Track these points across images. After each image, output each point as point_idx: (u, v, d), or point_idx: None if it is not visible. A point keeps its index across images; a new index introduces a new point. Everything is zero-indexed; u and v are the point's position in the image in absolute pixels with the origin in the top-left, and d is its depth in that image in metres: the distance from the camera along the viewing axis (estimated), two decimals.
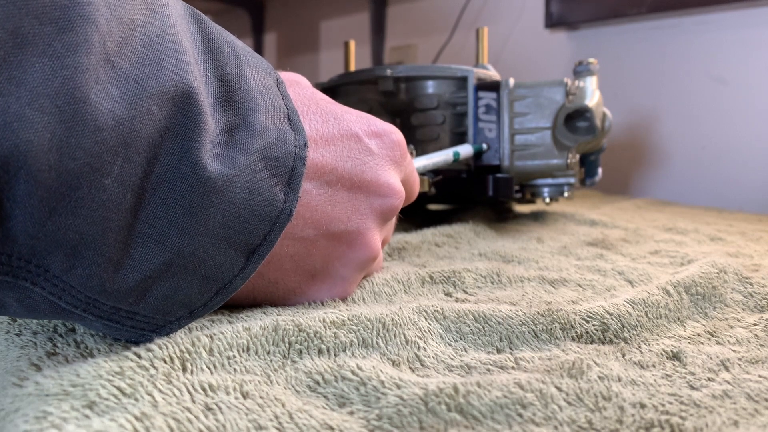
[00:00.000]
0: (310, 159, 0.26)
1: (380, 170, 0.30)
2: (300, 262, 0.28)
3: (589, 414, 0.20)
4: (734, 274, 0.37)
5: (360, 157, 0.29)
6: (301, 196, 0.26)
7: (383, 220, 0.31)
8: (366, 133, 0.30)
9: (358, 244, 0.29)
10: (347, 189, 0.28)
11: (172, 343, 0.21)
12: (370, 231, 0.29)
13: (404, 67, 0.55)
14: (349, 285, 0.30)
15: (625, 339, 0.27)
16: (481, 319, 0.27)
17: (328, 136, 0.28)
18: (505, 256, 0.42)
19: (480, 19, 1.30)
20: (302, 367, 0.22)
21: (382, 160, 0.30)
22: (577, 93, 0.53)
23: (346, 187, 0.28)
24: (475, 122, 0.53)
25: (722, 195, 0.95)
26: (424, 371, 0.23)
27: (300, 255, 0.27)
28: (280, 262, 0.27)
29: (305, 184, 0.26)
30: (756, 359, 0.25)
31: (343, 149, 0.28)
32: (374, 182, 0.29)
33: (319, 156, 0.27)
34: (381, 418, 0.19)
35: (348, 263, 0.29)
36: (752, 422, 0.20)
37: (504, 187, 0.51)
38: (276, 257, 0.26)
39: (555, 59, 1.17)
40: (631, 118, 1.06)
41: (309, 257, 0.28)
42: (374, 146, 0.30)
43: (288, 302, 0.29)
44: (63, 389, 0.18)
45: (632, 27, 1.06)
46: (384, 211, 0.30)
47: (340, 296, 0.30)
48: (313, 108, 0.28)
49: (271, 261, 0.26)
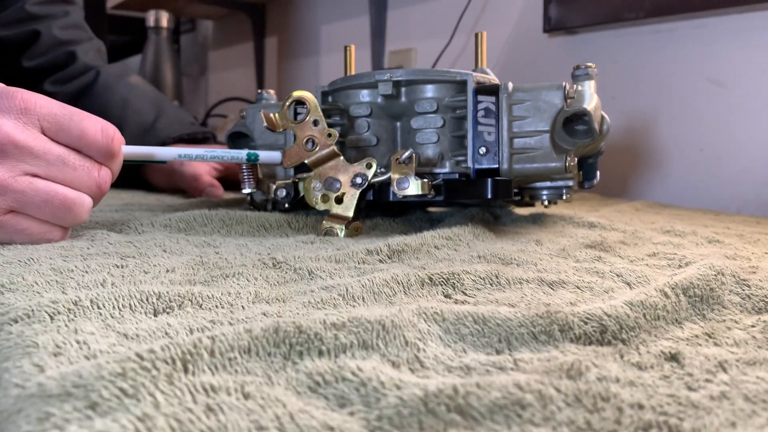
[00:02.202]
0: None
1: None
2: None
3: (587, 415, 0.20)
4: (732, 276, 0.37)
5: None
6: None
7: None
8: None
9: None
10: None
11: (174, 344, 0.21)
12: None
13: (404, 71, 0.55)
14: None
15: (623, 340, 0.27)
16: (480, 321, 0.27)
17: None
18: (504, 258, 0.42)
19: (479, 23, 1.30)
20: (303, 369, 0.22)
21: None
22: (575, 97, 0.53)
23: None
24: (475, 126, 0.53)
25: (720, 198, 0.95)
26: (424, 372, 0.23)
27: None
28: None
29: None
30: (754, 360, 0.26)
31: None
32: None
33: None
34: (381, 419, 0.19)
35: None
36: (750, 423, 0.20)
37: (503, 189, 0.51)
38: None
39: (553, 63, 1.17)
40: (629, 121, 1.06)
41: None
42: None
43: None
44: (65, 390, 0.19)
45: (630, 31, 1.06)
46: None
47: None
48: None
49: None
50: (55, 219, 0.41)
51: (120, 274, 0.34)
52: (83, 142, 0.41)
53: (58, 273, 0.34)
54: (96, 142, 0.41)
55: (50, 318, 0.26)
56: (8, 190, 0.39)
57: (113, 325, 0.26)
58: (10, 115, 0.38)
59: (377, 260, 0.41)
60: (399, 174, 0.49)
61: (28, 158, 0.39)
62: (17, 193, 0.39)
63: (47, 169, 0.40)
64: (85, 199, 0.41)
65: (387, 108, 0.57)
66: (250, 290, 0.32)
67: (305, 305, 0.30)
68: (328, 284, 0.34)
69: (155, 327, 0.26)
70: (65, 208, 0.40)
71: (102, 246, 0.42)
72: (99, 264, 0.36)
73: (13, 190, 0.39)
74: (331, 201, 0.51)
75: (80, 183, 0.41)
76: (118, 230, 0.49)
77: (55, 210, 0.40)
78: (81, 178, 0.41)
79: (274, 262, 0.38)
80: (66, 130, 0.40)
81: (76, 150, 0.41)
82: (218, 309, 0.29)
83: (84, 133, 0.40)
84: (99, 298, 0.28)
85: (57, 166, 0.40)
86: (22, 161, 0.39)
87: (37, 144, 0.39)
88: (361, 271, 0.38)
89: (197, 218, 0.51)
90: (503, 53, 1.26)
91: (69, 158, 0.40)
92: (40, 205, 0.40)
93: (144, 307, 0.29)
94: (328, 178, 0.51)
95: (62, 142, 0.40)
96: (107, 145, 0.41)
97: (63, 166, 0.40)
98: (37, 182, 0.39)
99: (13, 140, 0.38)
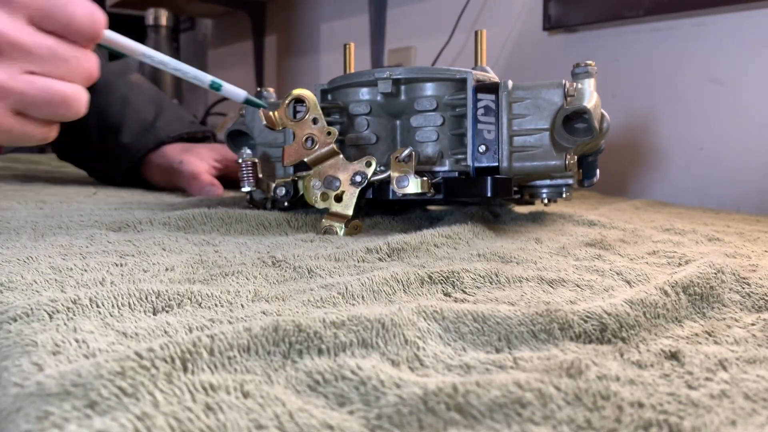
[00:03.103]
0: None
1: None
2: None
3: (587, 413, 0.20)
4: (732, 274, 0.37)
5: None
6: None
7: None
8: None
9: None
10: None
11: (173, 343, 0.21)
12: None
13: (403, 69, 0.55)
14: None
15: (623, 339, 0.27)
16: (480, 319, 0.27)
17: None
18: (503, 256, 0.42)
19: (479, 21, 1.30)
20: (302, 367, 0.22)
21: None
22: (575, 95, 0.53)
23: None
24: (474, 124, 0.53)
25: (720, 196, 0.95)
26: (424, 371, 0.23)
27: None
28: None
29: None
30: (754, 359, 0.26)
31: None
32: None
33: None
34: (380, 418, 0.19)
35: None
36: (750, 422, 0.20)
37: (503, 187, 0.51)
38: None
39: (553, 61, 1.17)
40: (629, 120, 1.06)
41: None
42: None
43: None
44: (64, 389, 0.19)
45: (630, 29, 1.06)
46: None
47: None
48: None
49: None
50: (56, 117, 0.39)
51: (119, 273, 0.34)
52: (71, 29, 0.38)
53: (57, 271, 0.34)
54: (84, 27, 0.39)
55: (49, 317, 0.26)
56: (10, 92, 0.37)
57: (112, 323, 0.26)
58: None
59: (377, 258, 0.41)
60: (398, 172, 0.49)
61: (21, 54, 0.37)
62: (18, 94, 0.37)
63: (42, 65, 0.37)
64: (81, 92, 0.40)
65: (386, 106, 0.57)
66: (249, 289, 0.32)
67: (305, 304, 0.30)
68: (327, 283, 0.34)
69: (154, 326, 0.26)
70: (66, 105, 0.39)
71: (101, 244, 0.42)
72: (98, 262, 0.36)
73: (14, 92, 0.37)
74: (330, 199, 0.51)
75: (73, 75, 0.39)
76: (117, 229, 0.49)
77: (57, 108, 0.38)
78: (74, 70, 0.39)
79: (273, 260, 0.38)
80: (52, 17, 0.37)
81: (63, 37, 0.38)
82: (217, 307, 0.29)
83: (71, 18, 0.38)
84: (98, 297, 0.28)
85: (50, 60, 0.38)
86: (16, 59, 0.37)
87: (28, 38, 0.37)
88: (360, 270, 0.38)
89: (196, 217, 0.51)
90: (503, 51, 1.25)
91: (60, 50, 0.38)
92: (42, 104, 0.38)
93: (143, 305, 0.28)
94: (327, 177, 0.51)
95: (48, 29, 0.38)
96: (95, 31, 0.39)
97: (55, 59, 0.38)
98: (36, 80, 0.37)
99: (5, 36, 0.36)
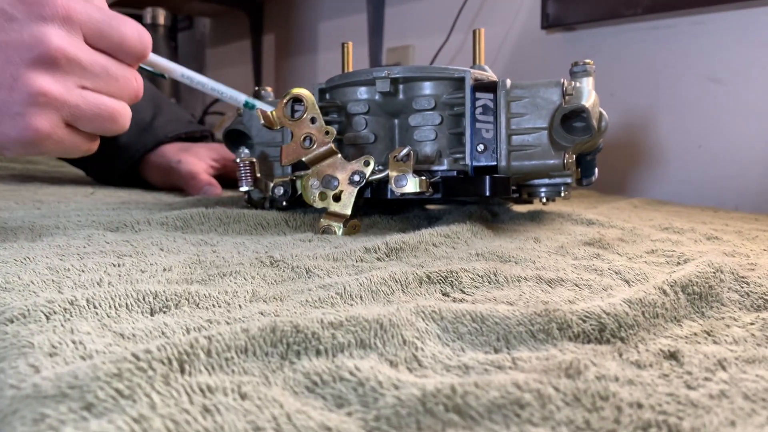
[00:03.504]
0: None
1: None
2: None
3: (586, 414, 0.20)
4: (731, 273, 0.37)
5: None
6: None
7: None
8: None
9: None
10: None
11: (171, 344, 0.21)
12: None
13: (402, 68, 0.55)
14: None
15: (622, 339, 0.27)
16: (478, 319, 0.27)
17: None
18: (502, 256, 0.42)
19: (477, 20, 1.30)
20: (300, 368, 0.22)
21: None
22: (573, 93, 0.53)
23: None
24: (473, 123, 0.53)
25: (718, 194, 0.95)
26: (422, 371, 0.23)
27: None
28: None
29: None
30: (753, 359, 0.25)
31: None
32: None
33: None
34: (379, 419, 0.19)
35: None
36: (749, 422, 0.20)
37: (501, 186, 0.51)
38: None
39: (552, 60, 1.17)
40: (627, 118, 1.06)
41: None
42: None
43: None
44: (61, 391, 0.18)
45: (628, 27, 1.06)
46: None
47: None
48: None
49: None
50: (102, 131, 0.41)
51: (116, 273, 0.34)
52: (122, 49, 0.41)
53: (54, 272, 0.34)
54: (134, 48, 0.41)
55: (46, 318, 0.26)
56: (65, 104, 0.39)
57: (109, 324, 0.26)
58: (54, 23, 0.38)
59: (375, 258, 0.41)
60: (397, 171, 0.49)
61: (78, 70, 0.39)
62: (73, 107, 0.39)
63: (94, 81, 0.40)
64: (126, 109, 0.42)
65: (385, 105, 0.57)
66: (247, 289, 0.32)
67: (303, 304, 0.30)
68: (325, 283, 0.34)
69: (152, 327, 0.26)
70: (112, 120, 0.41)
71: (98, 245, 0.42)
72: (95, 263, 0.36)
73: (69, 104, 0.39)
74: (328, 199, 0.51)
75: (121, 93, 0.41)
76: (114, 229, 0.49)
77: (104, 122, 0.41)
78: (122, 87, 0.41)
79: (271, 260, 0.38)
80: (107, 37, 0.40)
81: (113, 56, 0.41)
82: (215, 308, 0.29)
83: (123, 39, 0.40)
84: (95, 298, 0.28)
85: (102, 77, 0.40)
86: (73, 74, 0.39)
87: (84, 55, 0.39)
88: (358, 270, 0.37)
89: (194, 216, 0.51)
90: (501, 50, 1.25)
91: (112, 68, 0.40)
92: (92, 118, 0.40)
93: (140, 306, 0.28)
94: (325, 176, 0.51)
95: (101, 48, 0.40)
96: (143, 51, 0.42)
97: (107, 76, 0.40)
98: (89, 95, 0.40)
99: (65, 52, 0.38)
